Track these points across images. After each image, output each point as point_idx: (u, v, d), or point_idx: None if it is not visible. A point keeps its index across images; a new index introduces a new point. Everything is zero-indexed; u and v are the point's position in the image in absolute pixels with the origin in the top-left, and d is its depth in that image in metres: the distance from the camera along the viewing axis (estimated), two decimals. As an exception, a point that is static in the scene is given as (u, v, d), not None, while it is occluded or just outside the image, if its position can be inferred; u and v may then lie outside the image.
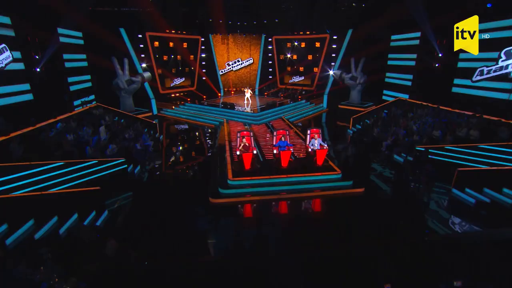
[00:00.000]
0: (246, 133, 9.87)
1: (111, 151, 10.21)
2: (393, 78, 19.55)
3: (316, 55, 24.69)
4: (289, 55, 26.16)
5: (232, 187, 8.83)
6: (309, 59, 25.31)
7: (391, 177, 10.28)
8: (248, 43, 27.09)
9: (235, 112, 18.04)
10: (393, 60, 19.40)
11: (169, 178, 10.29)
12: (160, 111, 20.07)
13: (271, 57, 27.15)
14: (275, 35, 25.95)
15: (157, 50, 22.20)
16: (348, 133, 15.72)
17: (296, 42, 25.40)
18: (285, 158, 9.46)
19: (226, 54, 27.21)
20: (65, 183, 8.04)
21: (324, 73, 24.23)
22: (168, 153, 12.76)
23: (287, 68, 26.81)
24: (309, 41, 24.89)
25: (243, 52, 27.37)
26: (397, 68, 18.96)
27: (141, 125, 13.74)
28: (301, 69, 26.16)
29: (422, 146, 10.29)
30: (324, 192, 8.91)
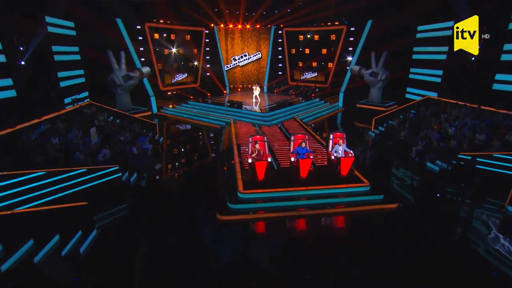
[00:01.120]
0: (260, 138, 8.95)
1: (104, 156, 9.38)
2: (419, 74, 18.40)
3: (331, 49, 23.64)
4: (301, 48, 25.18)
5: (243, 202, 7.92)
6: (323, 53, 24.28)
7: (425, 189, 9.26)
8: (256, 36, 26.17)
9: (242, 111, 17.14)
10: (419, 54, 18.26)
11: (169, 188, 9.41)
12: (160, 109, 19.27)
13: (281, 51, 26.19)
14: (286, 27, 25.00)
15: (157, 42, 21.40)
16: (370, 135, 14.71)
17: (309, 35, 24.38)
18: (305, 167, 8.52)
19: (232, 48, 26.35)
20: (47, 196, 7.22)
21: (339, 69, 23.19)
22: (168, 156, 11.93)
23: (299, 63, 25.80)
24: (323, 34, 23.85)
25: (250, 46, 26.47)
26: (424, 63, 17.82)
27: (138, 126, 12.91)
28: (314, 64, 25.13)
29: (465, 153, 9.23)
30: (350, 208, 7.94)
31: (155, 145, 12.29)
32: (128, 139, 11.36)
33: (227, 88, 25.03)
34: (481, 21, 9.99)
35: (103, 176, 8.51)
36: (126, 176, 9.43)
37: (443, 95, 14.55)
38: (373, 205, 8.06)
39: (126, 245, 6.52)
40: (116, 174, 8.77)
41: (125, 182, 9.25)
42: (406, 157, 11.69)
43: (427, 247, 6.44)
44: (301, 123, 15.68)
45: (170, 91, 22.76)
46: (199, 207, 8.09)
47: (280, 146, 11.97)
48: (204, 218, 7.62)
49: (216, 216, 7.54)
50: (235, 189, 8.37)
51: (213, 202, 8.17)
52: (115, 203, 8.20)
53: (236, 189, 8.31)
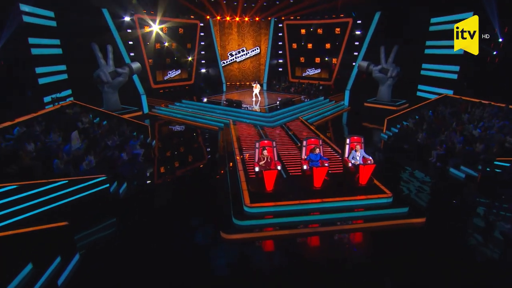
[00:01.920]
0: (268, 143, 8.21)
1: (88, 164, 8.55)
2: (432, 71, 17.86)
3: (336, 44, 23.03)
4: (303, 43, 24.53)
5: (251, 217, 7.17)
6: (327, 48, 23.66)
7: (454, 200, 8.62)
8: (255, 30, 25.47)
9: (242, 111, 16.40)
10: (433, 49, 17.72)
11: (164, 201, 8.61)
12: (151, 109, 18.42)
13: (281, 46, 25.52)
14: (287, 19, 24.33)
15: (147, 36, 20.53)
16: (382, 138, 14.08)
17: (312, 28, 23.73)
18: (319, 176, 7.81)
19: (229, 43, 25.62)
20: (19, 215, 6.39)
21: (345, 64, 22.60)
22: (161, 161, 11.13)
23: (301, 59, 25.15)
24: (327, 27, 23.21)
25: (248, 41, 25.76)
26: (438, 58, 17.26)
27: (128, 128, 12.08)
28: (317, 60, 24.51)
29: (498, 158, 8.62)
30: (372, 224, 7.22)
31: (147, 149, 11.48)
32: (116, 143, 10.53)
33: (223, 86, 24.24)
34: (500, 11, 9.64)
35: (88, 188, 7.68)
36: (115, 187, 8.62)
37: (464, 93, 13.99)
38: (397, 219, 7.37)
39: (114, 272, 5.73)
40: (103, 185, 7.94)
41: (114, 194, 8.44)
42: (426, 162, 11.08)
43: (468, 273, 5.77)
44: (308, 125, 14.99)
45: (163, 89, 21.91)
46: (199, 224, 7.32)
47: (287, 151, 11.24)
48: (206, 237, 6.86)
49: (220, 235, 6.78)
50: (239, 201, 7.65)
51: (215, 217, 7.43)
52: (102, 218, 7.41)
53: (241, 202, 7.58)
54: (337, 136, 14.79)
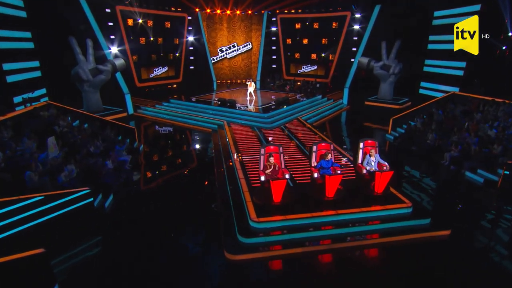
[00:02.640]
0: (274, 149, 7.62)
1: (68, 176, 7.76)
2: (436, 67, 17.70)
3: (333, 39, 22.67)
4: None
5: (258, 233, 6.56)
6: (324, 43, 23.30)
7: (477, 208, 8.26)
8: (246, 25, 24.88)
9: (237, 112, 15.79)
10: (436, 44, 17.54)
11: (156, 214, 7.88)
12: (137, 110, 17.55)
13: (275, 41, 25.00)
14: (281, 13, 23.82)
15: (131, 30, 19.60)
16: (388, 139, 13.73)
17: (307, 22, 23.30)
18: (333, 185, 7.28)
19: (219, 38, 24.94)
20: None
21: (343, 61, 22.29)
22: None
23: (296, 55, 24.70)
24: (324, 21, 22.82)
25: (238, 37, 25.17)
26: (442, 54, 17.08)
27: (113, 132, 11.27)
28: (313, 56, 24.12)
29: None
30: (390, 238, 6.70)
31: (134, 155, 10.71)
32: (100, 149, 9.73)
33: (214, 84, 23.52)
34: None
35: (68, 204, 6.93)
36: (100, 200, 7.86)
37: (475, 90, 13.79)
38: (419, 232, 6.89)
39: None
40: (87, 200, 7.19)
41: (99, 208, 7.68)
42: (437, 165, 10.75)
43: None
44: (310, 126, 14.49)
45: (148, 87, 21.02)
46: (199, 243, 6.67)
47: (290, 155, 10.69)
48: (208, 259, 6.21)
49: (224, 255, 6.14)
50: (243, 215, 7.06)
51: (216, 233, 6.80)
52: (86, 238, 6.69)
53: (246, 215, 6.98)
54: (340, 138, 14.36)
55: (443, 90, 16.95)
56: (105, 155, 9.48)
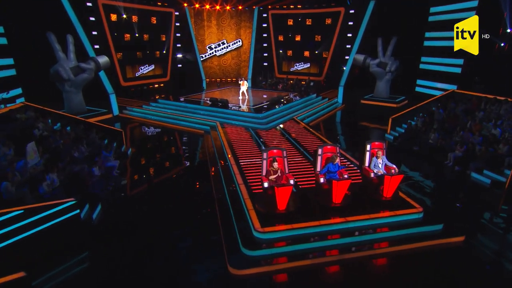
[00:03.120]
0: (277, 153, 7.30)
1: (50, 185, 7.22)
2: (432, 64, 17.77)
3: (327, 35, 22.53)
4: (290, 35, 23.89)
5: (263, 245, 6.22)
6: (317, 40, 23.15)
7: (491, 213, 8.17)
8: (236, 23, 24.51)
9: (230, 112, 15.41)
10: (433, 40, 17.61)
11: (149, 224, 7.42)
12: (122, 111, 16.91)
13: (266, 38, 24.71)
14: (273, 9, 23.55)
15: (115, 25, 18.91)
16: (387, 139, 13.62)
17: (300, 19, 23.11)
18: (341, 191, 7.01)
19: (208, 35, 24.50)
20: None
21: (337, 58, 22.20)
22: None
23: (287, 52, 24.49)
24: (317, 17, 22.67)
25: (228, 35, 24.79)
26: (439, 51, 17.15)
27: (98, 135, 10.71)
28: (306, 53, 23.95)
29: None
30: (403, 247, 6.46)
31: (122, 160, 10.19)
32: (85, 155, 9.18)
33: (203, 83, 23.03)
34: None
35: (51, 217, 6.39)
36: (87, 211, 7.36)
37: (475, 88, 13.85)
38: (431, 239, 6.68)
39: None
40: (72, 212, 6.67)
41: (86, 220, 7.17)
42: (441, 165, 10.67)
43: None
44: (307, 127, 14.24)
45: (134, 87, 20.37)
46: (198, 257, 6.27)
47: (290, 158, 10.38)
48: (209, 273, 5.82)
49: (227, 270, 5.78)
50: (246, 224, 6.74)
51: (216, 246, 6.42)
52: (72, 254, 6.22)
53: (249, 225, 6.65)
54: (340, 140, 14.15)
55: (440, 88, 17.03)
56: (90, 161, 8.93)
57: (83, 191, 7.75)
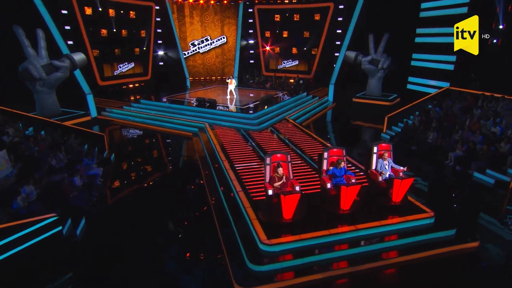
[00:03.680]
0: (281, 157, 6.97)
1: (26, 199, 6.59)
2: (424, 61, 17.99)
3: (316, 32, 22.45)
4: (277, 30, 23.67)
5: (271, 258, 5.88)
6: (306, 36, 23.03)
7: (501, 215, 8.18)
8: (220, 19, 24.09)
9: (219, 112, 15.02)
10: (424, 37, 17.84)
11: (141, 239, 6.91)
12: (101, 112, 16.12)
13: (252, 34, 24.38)
14: (258, 3, 23.24)
15: (90, 20, 18.02)
16: (383, 138, 13.62)
17: (288, 14, 22.92)
18: (350, 197, 6.77)
19: (190, 32, 23.95)
20: None
21: (326, 55, 22.17)
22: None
23: (275, 48, 24.26)
24: (305, 13, 22.54)
25: (212, 32, 24.34)
26: (431, 48, 17.39)
27: (78, 140, 10.03)
28: (295, 50, 23.80)
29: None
30: (413, 256, 6.27)
31: (105, 167, 9.57)
32: (64, 163, 8.52)
33: (187, 82, 22.43)
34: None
35: (29, 237, 5.80)
36: (69, 227, 6.76)
37: (473, 85, 14.04)
38: (445, 245, 6.54)
39: None
40: (53, 229, 6.10)
41: (69, 237, 6.58)
42: (441, 165, 10.70)
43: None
44: (302, 128, 14.04)
45: (113, 86, 19.52)
46: (197, 273, 5.86)
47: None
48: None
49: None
50: (249, 235, 6.41)
51: (217, 260, 6.10)
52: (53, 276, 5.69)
53: (253, 237, 6.31)
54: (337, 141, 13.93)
55: (432, 85, 17.26)
56: (71, 169, 8.29)
57: (64, 204, 7.15)
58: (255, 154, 10.64)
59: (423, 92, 17.24)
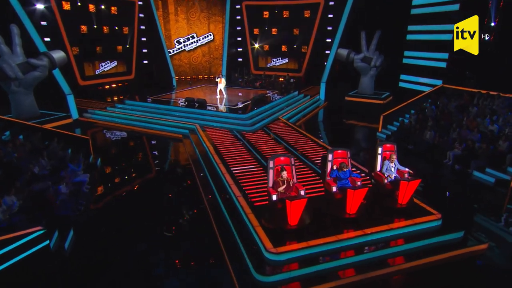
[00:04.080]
0: (285, 160, 6.78)
1: (7, 211, 6.16)
2: (416, 58, 18.21)
3: (306, 29, 22.43)
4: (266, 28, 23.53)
5: (278, 268, 5.69)
6: (296, 34, 23.00)
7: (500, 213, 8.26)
8: (206, 16, 23.78)
9: (210, 113, 14.75)
10: (416, 34, 18.05)
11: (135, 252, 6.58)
12: (83, 114, 15.53)
13: (240, 32, 24.15)
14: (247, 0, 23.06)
15: (69, 15, 17.34)
16: (379, 137, 13.68)
17: (277, 11, 22.82)
18: (357, 200, 6.65)
19: (176, 30, 23.55)
20: None
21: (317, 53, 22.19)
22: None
23: (264, 47, 24.10)
24: (295, 9, 22.48)
25: (198, 30, 23.99)
26: (423, 45, 17.60)
27: (60, 145, 9.55)
28: (284, 48, 23.72)
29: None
30: (422, 261, 6.20)
31: (92, 173, 9.14)
32: (48, 169, 8.07)
33: (173, 81, 21.97)
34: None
35: (14, 253, 5.40)
36: (56, 240, 6.36)
37: (468, 83, 14.25)
38: (454, 250, 6.50)
39: None
40: (41, 244, 5.71)
41: (57, 251, 6.19)
42: (440, 164, 10.79)
43: None
44: (296, 128, 13.93)
45: (94, 86, 18.89)
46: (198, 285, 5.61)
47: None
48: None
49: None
50: (252, 243, 6.24)
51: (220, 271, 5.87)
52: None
53: (257, 245, 6.13)
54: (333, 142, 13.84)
55: (425, 83, 17.48)
56: (55, 177, 7.85)
57: (49, 215, 6.74)
58: (251, 156, 10.44)
59: (415, 90, 17.43)
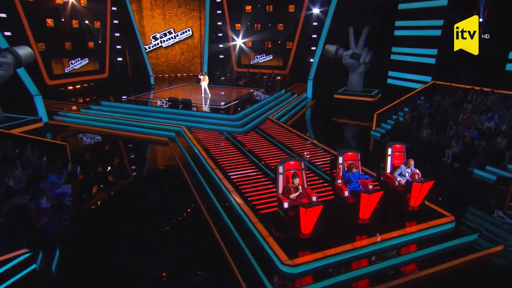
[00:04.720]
0: (295, 164, 6.59)
1: (-15, 231, 5.57)
2: (404, 55, 18.60)
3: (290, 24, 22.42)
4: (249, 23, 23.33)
5: (297, 281, 5.49)
6: (280, 29, 22.93)
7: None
8: (184, 12, 23.33)
9: (197, 114, 14.43)
10: (404, 30, 18.43)
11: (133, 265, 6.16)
12: (53, 116, 14.66)
13: (221, 27, 23.79)
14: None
15: (32, 6, 16.33)
16: (373, 136, 13.83)
17: (260, 5, 22.67)
18: (371, 205, 6.57)
19: (151, 26, 22.91)
20: None
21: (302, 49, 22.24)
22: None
23: (247, 43, 23.88)
24: (278, 3, 22.42)
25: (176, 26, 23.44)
26: (411, 41, 18.00)
27: (35, 153, 8.88)
28: (268, 44, 23.61)
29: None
30: (440, 266, 6.21)
31: (73, 183, 8.55)
32: (23, 181, 7.44)
33: (151, 79, 21.29)
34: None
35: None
36: (41, 261, 5.83)
37: (461, 80, 14.65)
38: (470, 254, 6.55)
39: None
40: (26, 269, 5.20)
41: (44, 275, 5.67)
42: (439, 163, 11.00)
43: None
44: (288, 127, 13.82)
45: (64, 85, 17.92)
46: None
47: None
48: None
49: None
50: (263, 255, 6.01)
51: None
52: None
53: (268, 257, 5.92)
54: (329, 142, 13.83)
55: (414, 79, 17.88)
56: (33, 189, 7.25)
57: (31, 234, 6.19)
58: (248, 160, 10.19)
59: (404, 87, 17.78)
